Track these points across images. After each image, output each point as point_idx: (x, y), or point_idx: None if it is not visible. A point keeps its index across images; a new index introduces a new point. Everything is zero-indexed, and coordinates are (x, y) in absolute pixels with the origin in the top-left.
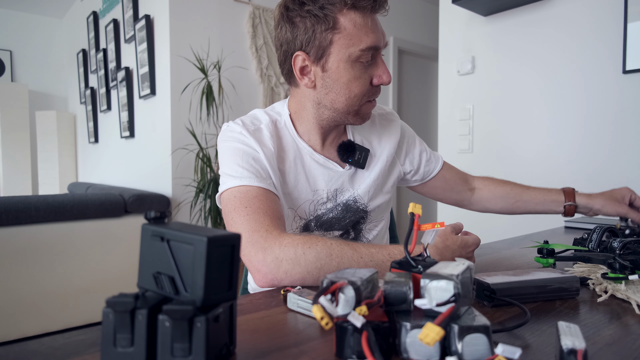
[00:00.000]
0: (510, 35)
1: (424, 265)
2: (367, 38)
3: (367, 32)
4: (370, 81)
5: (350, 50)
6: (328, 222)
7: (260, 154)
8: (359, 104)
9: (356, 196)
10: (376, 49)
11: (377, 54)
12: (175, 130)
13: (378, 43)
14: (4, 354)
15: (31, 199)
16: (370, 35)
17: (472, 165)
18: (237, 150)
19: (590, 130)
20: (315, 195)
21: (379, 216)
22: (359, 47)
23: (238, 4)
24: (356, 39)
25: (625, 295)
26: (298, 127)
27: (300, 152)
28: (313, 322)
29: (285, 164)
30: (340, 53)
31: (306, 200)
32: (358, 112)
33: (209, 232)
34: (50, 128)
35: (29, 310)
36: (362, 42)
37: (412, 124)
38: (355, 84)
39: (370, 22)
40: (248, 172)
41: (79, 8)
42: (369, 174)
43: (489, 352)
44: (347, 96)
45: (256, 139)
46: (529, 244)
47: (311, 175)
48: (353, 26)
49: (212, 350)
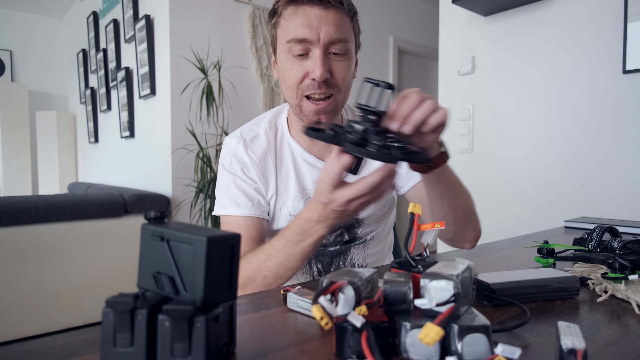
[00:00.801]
0: (510, 35)
1: (423, 265)
2: (295, 30)
3: (297, 25)
4: (305, 75)
5: (283, 42)
6: None
7: (248, 167)
8: (297, 97)
9: None
10: (302, 42)
11: (313, 48)
12: (175, 130)
13: (305, 36)
14: (4, 354)
15: (31, 199)
16: (299, 28)
17: (472, 165)
18: (223, 179)
19: (590, 130)
20: (304, 193)
21: (375, 222)
22: (285, 39)
23: (238, 4)
24: (287, 31)
25: (625, 295)
26: (291, 127)
27: (292, 152)
28: (313, 322)
29: (282, 164)
30: (280, 46)
31: (295, 197)
32: (301, 109)
33: (209, 232)
34: (50, 128)
35: (29, 310)
36: (290, 33)
37: None
38: (288, 75)
39: (303, 15)
40: (230, 201)
41: (79, 8)
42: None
43: (489, 352)
44: (286, 87)
45: (248, 150)
46: (529, 244)
47: (300, 175)
48: (286, 19)
49: (212, 350)
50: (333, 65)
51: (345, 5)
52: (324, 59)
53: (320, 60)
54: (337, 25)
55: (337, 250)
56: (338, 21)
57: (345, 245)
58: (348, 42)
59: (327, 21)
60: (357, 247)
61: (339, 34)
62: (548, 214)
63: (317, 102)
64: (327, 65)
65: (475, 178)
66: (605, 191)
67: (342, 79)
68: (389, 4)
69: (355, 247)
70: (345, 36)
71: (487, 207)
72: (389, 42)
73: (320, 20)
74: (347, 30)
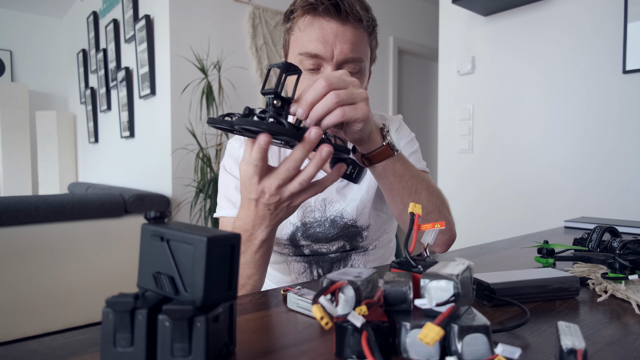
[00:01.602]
0: (511, 35)
1: (424, 265)
2: (309, 44)
3: (311, 38)
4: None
5: (295, 53)
6: (314, 235)
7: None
8: None
9: (343, 212)
10: (315, 57)
11: (325, 64)
12: (175, 130)
13: (318, 51)
14: (4, 354)
15: (31, 199)
16: (313, 42)
17: (472, 165)
18: (223, 181)
19: (590, 130)
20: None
21: (376, 232)
22: (298, 50)
23: (238, 4)
24: (300, 42)
25: (625, 295)
26: None
27: None
28: (313, 322)
29: None
30: (291, 55)
31: None
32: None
33: (208, 232)
34: (50, 128)
35: (29, 310)
36: (303, 46)
37: (412, 124)
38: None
39: (319, 29)
40: (228, 202)
41: (79, 8)
42: (359, 190)
43: (489, 352)
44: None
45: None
46: (529, 244)
47: None
48: (301, 29)
49: (212, 350)
50: None
51: (364, 21)
52: None
53: None
54: (353, 43)
55: (338, 257)
56: (355, 39)
57: (347, 253)
58: (362, 62)
59: (344, 38)
60: (358, 254)
61: (353, 53)
62: (548, 214)
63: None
64: None
65: (475, 178)
66: (605, 191)
67: None
68: (389, 4)
69: (357, 253)
70: (360, 55)
71: (487, 207)
72: (389, 42)
73: (337, 37)
74: (363, 49)
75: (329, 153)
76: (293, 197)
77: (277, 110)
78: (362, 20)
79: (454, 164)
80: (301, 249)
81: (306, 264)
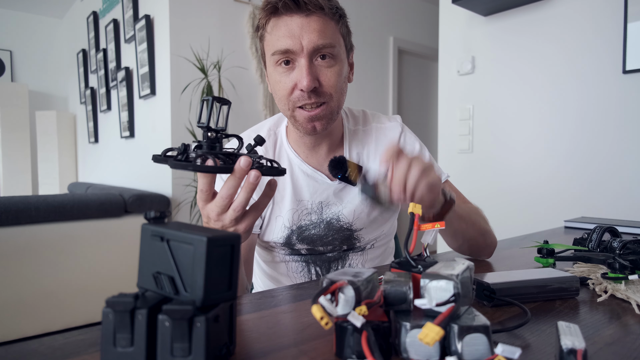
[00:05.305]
0: (511, 35)
1: (423, 265)
2: (278, 42)
3: (279, 36)
4: (294, 86)
5: (269, 55)
6: (310, 237)
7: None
8: (290, 108)
9: (340, 215)
10: (286, 52)
11: (298, 58)
12: (175, 130)
13: (288, 46)
14: (4, 354)
15: (31, 199)
16: (281, 39)
17: (472, 165)
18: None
19: (590, 130)
20: (300, 205)
21: (372, 234)
22: (270, 52)
23: (238, 4)
24: (271, 43)
25: (625, 295)
26: (289, 136)
27: (290, 162)
28: (313, 322)
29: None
30: (267, 59)
31: (290, 208)
32: (295, 119)
33: (208, 232)
34: (50, 128)
35: (29, 310)
36: (274, 46)
37: (412, 124)
38: (278, 87)
39: (284, 26)
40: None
41: (79, 8)
42: (357, 193)
43: (489, 352)
44: (278, 99)
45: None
46: (529, 244)
47: (297, 185)
48: (269, 32)
49: (212, 350)
50: (321, 73)
51: (327, 9)
52: (310, 68)
53: (306, 69)
54: (319, 31)
55: (336, 256)
56: (321, 27)
57: (344, 252)
58: (335, 47)
59: (309, 28)
60: (356, 253)
61: (322, 39)
62: (548, 214)
63: (310, 110)
64: (314, 74)
65: (475, 178)
66: (605, 191)
67: (332, 86)
68: (389, 4)
69: (354, 252)
70: (331, 41)
71: (486, 207)
72: (389, 42)
73: (302, 29)
74: (332, 35)
75: (256, 178)
76: (235, 222)
77: (211, 142)
78: (323, 8)
79: (454, 164)
80: (298, 250)
81: (303, 263)
